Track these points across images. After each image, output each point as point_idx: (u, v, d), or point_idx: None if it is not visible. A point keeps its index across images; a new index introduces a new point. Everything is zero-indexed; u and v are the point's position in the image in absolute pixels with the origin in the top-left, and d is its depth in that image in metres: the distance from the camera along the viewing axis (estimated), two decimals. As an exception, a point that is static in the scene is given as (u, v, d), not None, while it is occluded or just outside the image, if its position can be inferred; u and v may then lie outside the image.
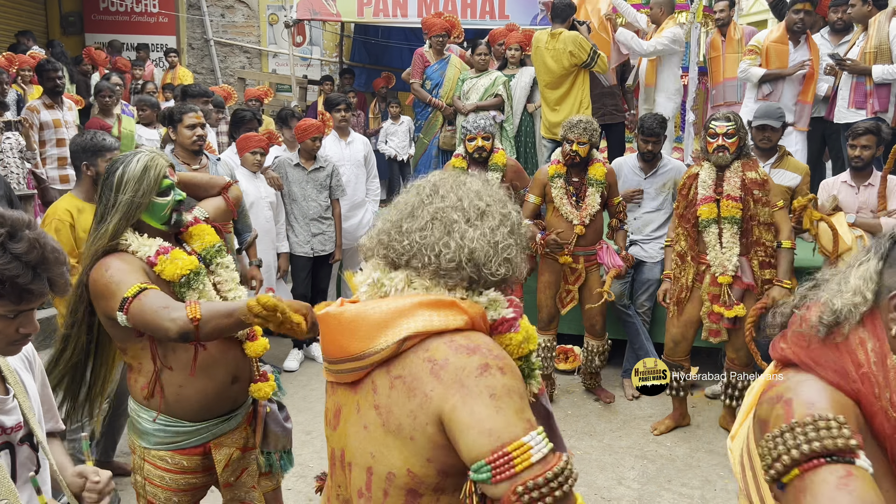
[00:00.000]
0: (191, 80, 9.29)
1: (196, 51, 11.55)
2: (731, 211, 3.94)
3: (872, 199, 4.46)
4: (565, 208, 4.41)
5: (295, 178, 5.13)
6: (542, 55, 5.96)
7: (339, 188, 5.29)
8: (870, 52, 5.21)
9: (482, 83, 6.37)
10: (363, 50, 10.89)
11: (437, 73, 6.72)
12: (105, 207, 2.13)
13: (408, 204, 1.37)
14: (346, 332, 1.27)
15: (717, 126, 4.00)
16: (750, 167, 4.02)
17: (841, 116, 5.41)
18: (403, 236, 1.32)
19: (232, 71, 11.50)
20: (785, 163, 4.59)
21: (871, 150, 4.37)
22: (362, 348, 1.25)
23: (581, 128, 4.29)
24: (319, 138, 5.08)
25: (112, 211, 2.10)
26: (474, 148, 4.51)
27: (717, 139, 3.98)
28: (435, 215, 1.32)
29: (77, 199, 3.38)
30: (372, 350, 1.24)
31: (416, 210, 1.35)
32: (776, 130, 4.49)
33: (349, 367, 1.29)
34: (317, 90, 9.87)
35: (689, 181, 4.15)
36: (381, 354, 1.23)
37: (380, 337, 1.23)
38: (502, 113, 6.40)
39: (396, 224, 1.35)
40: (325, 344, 1.34)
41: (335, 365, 1.32)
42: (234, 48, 11.70)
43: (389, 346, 1.22)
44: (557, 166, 4.45)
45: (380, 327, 1.24)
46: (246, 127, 5.29)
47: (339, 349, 1.30)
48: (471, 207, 1.33)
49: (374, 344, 1.24)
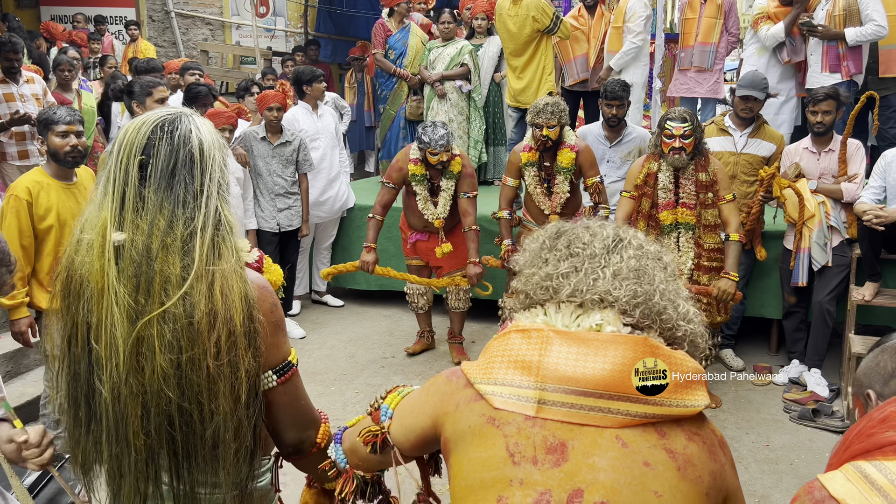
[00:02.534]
0: (153, 54, 9.08)
1: (157, 23, 11.27)
2: (687, 218, 4.07)
3: (833, 164, 4.53)
4: (538, 197, 4.45)
5: (260, 152, 5.07)
6: (504, 21, 5.94)
7: (306, 162, 5.23)
8: (838, 15, 5.22)
9: (448, 52, 6.32)
10: (328, 20, 10.71)
11: (399, 42, 6.66)
12: (182, 197, 1.33)
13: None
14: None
15: (673, 127, 3.93)
16: (702, 167, 4.02)
17: (814, 81, 5.41)
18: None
19: (194, 43, 11.24)
20: (762, 132, 4.64)
21: (831, 115, 4.43)
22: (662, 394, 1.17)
23: (549, 111, 4.23)
24: (278, 108, 5.00)
25: (204, 202, 1.34)
26: (436, 162, 4.41)
27: (674, 140, 3.93)
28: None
29: (45, 174, 3.36)
30: (676, 402, 1.17)
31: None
32: (759, 101, 4.53)
33: (628, 407, 1.16)
34: (280, 62, 9.70)
35: (648, 179, 4.12)
36: (688, 410, 1.18)
37: (685, 392, 1.18)
38: (469, 82, 6.36)
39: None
40: (573, 368, 1.18)
41: (598, 401, 1.16)
42: (195, 20, 11.43)
43: (700, 407, 1.19)
44: (530, 154, 4.41)
45: (689, 382, 1.19)
46: (201, 102, 5.21)
47: (612, 384, 1.17)
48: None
49: (678, 397, 1.18)
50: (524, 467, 1.14)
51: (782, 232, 4.72)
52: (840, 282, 4.48)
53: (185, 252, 1.29)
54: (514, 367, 1.19)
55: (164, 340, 1.26)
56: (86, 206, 1.38)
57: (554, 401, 1.16)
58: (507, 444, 1.16)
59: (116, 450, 1.32)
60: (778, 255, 4.77)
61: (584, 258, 1.26)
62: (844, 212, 4.51)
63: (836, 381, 4.54)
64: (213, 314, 1.29)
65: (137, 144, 1.34)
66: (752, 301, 4.94)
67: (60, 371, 1.38)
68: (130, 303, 1.27)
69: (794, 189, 4.44)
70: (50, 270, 3.34)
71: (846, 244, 4.49)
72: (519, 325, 1.25)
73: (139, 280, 1.28)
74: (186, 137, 1.35)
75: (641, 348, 1.17)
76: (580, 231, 1.31)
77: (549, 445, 1.15)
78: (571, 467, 1.13)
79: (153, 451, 1.32)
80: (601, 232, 1.29)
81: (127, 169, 1.32)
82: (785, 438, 3.97)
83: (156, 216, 1.30)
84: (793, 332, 4.73)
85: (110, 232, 1.30)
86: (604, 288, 1.22)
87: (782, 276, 4.73)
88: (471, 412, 1.21)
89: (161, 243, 1.29)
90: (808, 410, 4.13)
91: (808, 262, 4.47)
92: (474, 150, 6.53)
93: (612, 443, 1.14)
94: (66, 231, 3.35)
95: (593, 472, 1.13)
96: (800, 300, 4.65)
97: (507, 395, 1.18)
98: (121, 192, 1.32)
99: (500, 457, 1.16)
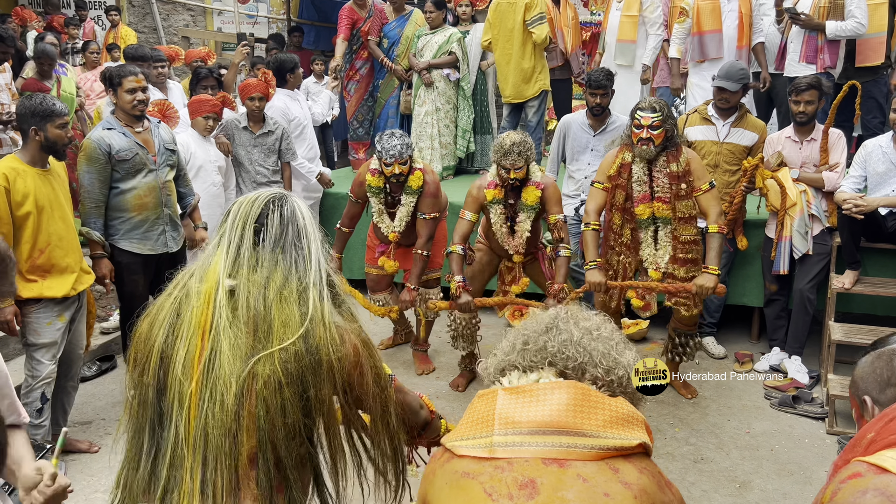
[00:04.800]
0: (134, 40, 8.95)
1: (137, 8, 11.11)
2: (664, 213, 3.95)
3: (815, 153, 4.56)
4: (502, 237, 4.18)
5: (241, 141, 5.01)
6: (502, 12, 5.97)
7: (288, 151, 5.18)
8: (823, 7, 5.20)
9: (436, 40, 6.29)
10: (311, 7, 10.59)
11: (394, 31, 6.61)
12: (295, 258, 1.57)
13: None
14: (583, 410, 1.38)
15: (641, 117, 3.81)
16: (673, 157, 3.88)
17: (791, 70, 5.43)
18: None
19: (175, 29, 11.11)
20: (744, 122, 4.65)
21: (814, 104, 4.46)
22: (601, 432, 1.36)
23: (516, 153, 3.92)
24: (261, 98, 4.93)
25: (313, 264, 1.58)
26: (391, 174, 4.13)
27: (642, 131, 3.80)
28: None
29: (20, 161, 3.31)
30: (614, 436, 1.36)
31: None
32: (735, 93, 4.52)
33: (574, 441, 1.35)
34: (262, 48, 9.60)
35: (622, 170, 3.98)
36: (627, 443, 1.35)
37: (622, 428, 1.37)
38: (457, 71, 6.34)
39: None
40: (523, 415, 1.39)
41: (552, 437, 1.36)
42: (176, 5, 11.28)
43: (636, 441, 1.36)
44: (496, 191, 4.09)
45: (626, 421, 1.38)
46: (202, 84, 5.17)
47: (559, 423, 1.37)
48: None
49: (616, 432, 1.36)
50: (501, 503, 1.31)
51: (764, 221, 4.76)
52: (820, 270, 4.52)
53: (301, 302, 1.51)
54: (475, 424, 1.42)
55: (289, 375, 1.44)
56: (200, 258, 1.60)
57: (504, 442, 1.35)
58: (483, 488, 1.33)
59: (211, 474, 1.44)
60: (759, 244, 4.81)
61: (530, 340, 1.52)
62: (825, 200, 4.55)
63: (816, 367, 4.59)
64: (330, 353, 1.50)
65: (252, 214, 1.57)
66: (734, 289, 4.98)
67: (138, 409, 1.52)
68: (248, 343, 1.46)
69: (776, 179, 4.47)
70: (28, 258, 3.29)
71: (827, 233, 4.53)
72: (479, 392, 1.50)
73: (257, 325, 1.47)
74: (293, 212, 1.60)
75: (576, 391, 1.39)
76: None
77: (521, 483, 1.32)
78: (544, 499, 1.29)
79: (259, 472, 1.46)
80: (539, 320, 1.57)
81: (242, 234, 1.55)
82: (765, 425, 4.02)
83: (271, 272, 1.53)
84: (774, 319, 4.78)
85: (222, 283, 1.50)
86: (541, 355, 1.48)
87: (764, 264, 4.77)
88: (444, 472, 1.41)
89: (278, 295, 1.50)
90: (789, 397, 4.18)
91: (790, 250, 4.51)
92: (462, 139, 6.53)
93: (574, 479, 1.31)
94: (44, 217, 3.31)
95: (564, 503, 1.29)
96: (781, 288, 4.69)
97: (467, 445, 1.39)
98: (235, 251, 1.54)
99: (479, 497, 1.33)
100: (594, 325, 1.54)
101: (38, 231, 3.30)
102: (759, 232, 4.80)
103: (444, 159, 6.48)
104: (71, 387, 3.67)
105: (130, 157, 3.74)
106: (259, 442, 1.43)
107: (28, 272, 3.29)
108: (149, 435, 1.50)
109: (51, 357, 3.37)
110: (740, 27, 5.55)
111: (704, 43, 5.65)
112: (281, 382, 1.43)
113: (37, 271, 3.32)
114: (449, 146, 6.51)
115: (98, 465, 3.57)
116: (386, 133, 4.19)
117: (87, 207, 3.73)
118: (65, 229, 3.42)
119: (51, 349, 3.37)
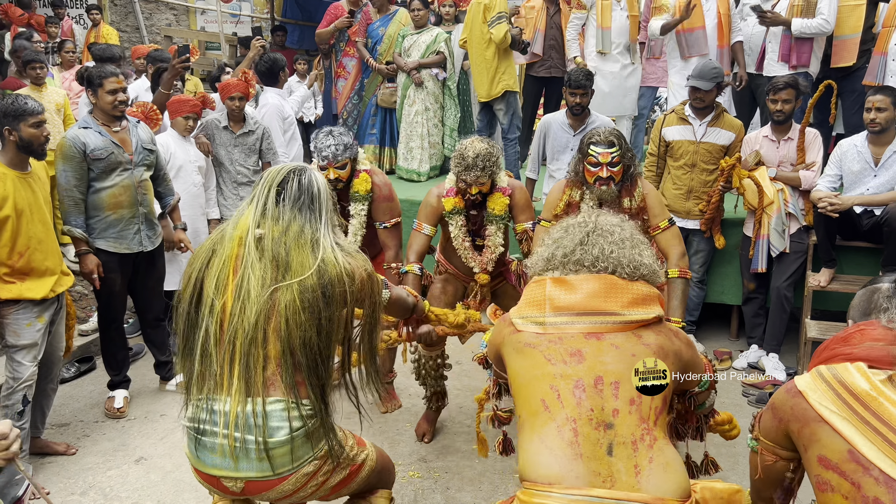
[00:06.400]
0: (116, 40, 8.90)
1: (119, 7, 11.04)
2: None
3: (792, 152, 4.61)
4: (465, 253, 3.59)
5: (222, 141, 4.99)
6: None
7: (269, 151, 5.15)
8: (798, 5, 5.23)
9: (423, 40, 6.30)
10: (295, 6, 10.56)
11: (377, 30, 6.63)
12: (308, 216, 2.08)
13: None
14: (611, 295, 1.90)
15: (598, 153, 3.28)
16: (627, 192, 3.39)
17: (770, 69, 5.48)
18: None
19: (158, 29, 11.04)
20: (721, 121, 4.68)
21: (791, 103, 4.50)
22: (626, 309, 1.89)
23: (479, 167, 3.36)
24: (241, 98, 4.90)
25: (324, 223, 2.10)
26: (327, 177, 3.50)
27: (600, 169, 3.28)
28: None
29: None
30: (636, 313, 1.87)
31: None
32: (708, 92, 4.56)
33: (604, 319, 1.86)
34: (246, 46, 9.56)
35: (569, 209, 3.44)
36: (646, 318, 1.88)
37: (642, 306, 1.89)
38: (445, 70, 6.35)
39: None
40: (575, 303, 1.89)
41: (589, 317, 1.86)
42: (159, 4, 11.22)
43: (652, 316, 1.89)
44: (456, 200, 3.53)
45: (645, 300, 1.90)
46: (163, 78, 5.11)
47: (598, 307, 1.88)
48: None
49: (637, 309, 1.88)
50: (558, 366, 1.81)
51: (742, 219, 4.80)
52: (797, 268, 4.57)
53: (313, 248, 2.01)
54: (531, 304, 1.95)
55: (304, 301, 1.94)
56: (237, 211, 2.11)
57: (554, 322, 1.88)
58: (543, 355, 1.85)
59: (240, 370, 1.95)
60: (738, 243, 4.85)
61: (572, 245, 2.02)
62: (802, 199, 4.60)
63: (794, 365, 4.64)
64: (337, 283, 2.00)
65: (277, 179, 2.07)
66: (713, 288, 5.03)
67: (179, 316, 2.04)
68: (272, 276, 1.96)
69: (753, 179, 4.52)
70: (7, 261, 3.26)
71: (803, 231, 4.58)
72: (535, 279, 2.02)
73: (278, 263, 1.97)
74: (310, 181, 2.10)
75: (604, 282, 1.91)
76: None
77: (570, 352, 1.82)
78: (590, 363, 1.80)
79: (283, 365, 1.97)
80: (573, 233, 2.04)
81: (268, 193, 2.05)
82: (743, 422, 4.01)
83: (290, 225, 2.03)
84: (752, 317, 4.82)
85: (252, 230, 2.00)
86: (577, 265, 1.97)
87: (742, 262, 4.82)
88: (511, 341, 1.95)
89: (295, 242, 2.00)
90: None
91: (767, 248, 4.55)
92: (450, 138, 6.54)
93: (610, 347, 1.83)
94: (23, 221, 3.28)
95: (604, 365, 1.80)
96: (759, 286, 4.74)
97: (525, 322, 1.93)
98: (262, 206, 2.04)
99: (540, 361, 1.84)
100: (624, 235, 2.00)
101: (17, 234, 3.27)
102: (737, 230, 4.85)
103: (432, 158, 6.52)
104: (50, 389, 3.66)
105: (105, 156, 3.74)
106: (282, 348, 1.93)
107: (7, 275, 3.27)
108: (184, 335, 2.03)
109: (31, 359, 3.35)
110: (719, 26, 5.59)
111: (687, 40, 5.69)
112: (297, 307, 1.92)
113: (16, 274, 3.30)
114: (437, 145, 6.55)
115: (76, 466, 3.55)
116: (322, 131, 3.62)
117: (66, 206, 3.72)
118: (44, 232, 3.40)
119: (31, 351, 3.35)
